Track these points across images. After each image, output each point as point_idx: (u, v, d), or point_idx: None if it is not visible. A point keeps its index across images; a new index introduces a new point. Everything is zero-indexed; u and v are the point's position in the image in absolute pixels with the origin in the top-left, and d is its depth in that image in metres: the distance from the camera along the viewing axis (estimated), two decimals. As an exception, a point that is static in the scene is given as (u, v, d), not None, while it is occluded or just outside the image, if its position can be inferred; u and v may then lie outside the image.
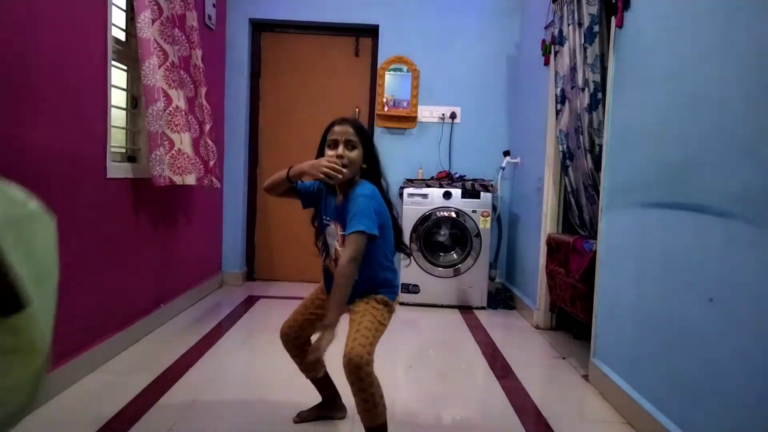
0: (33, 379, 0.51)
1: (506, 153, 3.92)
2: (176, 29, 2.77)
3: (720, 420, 1.48)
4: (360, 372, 1.45)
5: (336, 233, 1.62)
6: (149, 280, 2.83)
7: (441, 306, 3.68)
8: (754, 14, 1.42)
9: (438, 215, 3.66)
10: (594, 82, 2.49)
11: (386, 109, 4.02)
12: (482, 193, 3.66)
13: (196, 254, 3.54)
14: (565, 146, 2.84)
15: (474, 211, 3.63)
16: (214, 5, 3.68)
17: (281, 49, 4.20)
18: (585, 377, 2.41)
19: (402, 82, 4.05)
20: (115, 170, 2.42)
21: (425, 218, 3.65)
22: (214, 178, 3.11)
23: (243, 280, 4.17)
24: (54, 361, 2.01)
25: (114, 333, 2.44)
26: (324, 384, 1.88)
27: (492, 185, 3.75)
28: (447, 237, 3.77)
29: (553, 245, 2.91)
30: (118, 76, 2.53)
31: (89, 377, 2.19)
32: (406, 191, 3.69)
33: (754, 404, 1.35)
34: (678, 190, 1.73)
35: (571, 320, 3.01)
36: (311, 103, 4.14)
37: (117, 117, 2.52)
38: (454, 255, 3.74)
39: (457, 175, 3.91)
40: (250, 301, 3.63)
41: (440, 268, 3.68)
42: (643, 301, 1.94)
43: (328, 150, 1.59)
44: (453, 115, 4.08)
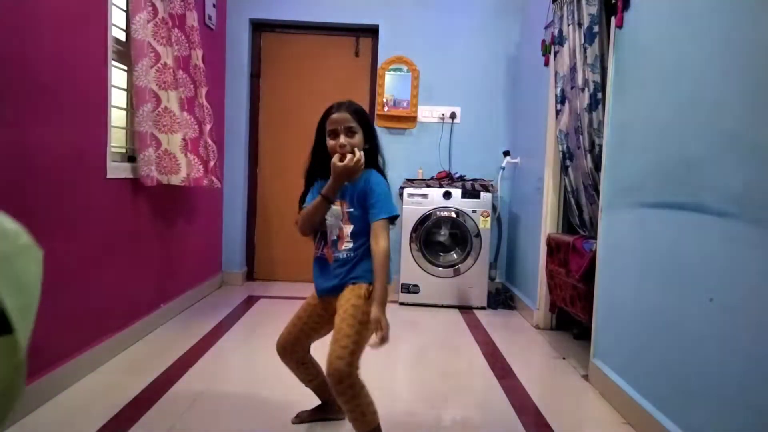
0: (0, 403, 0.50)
1: (506, 153, 3.92)
2: (176, 29, 2.77)
3: (720, 420, 1.48)
4: (342, 385, 1.45)
5: (341, 213, 1.63)
6: (149, 280, 2.83)
7: (441, 306, 3.68)
8: (754, 14, 1.42)
9: (438, 215, 3.66)
10: (594, 82, 2.49)
11: (386, 109, 4.02)
12: (482, 193, 3.66)
13: (196, 254, 3.54)
14: (565, 146, 2.84)
15: (474, 211, 3.63)
16: (214, 5, 3.68)
17: (281, 49, 4.20)
18: (585, 377, 2.41)
19: (402, 82, 4.05)
20: (115, 170, 2.42)
21: (425, 218, 3.65)
22: (215, 178, 3.11)
23: (243, 280, 4.17)
24: (54, 361, 2.01)
25: (114, 333, 2.44)
26: (323, 389, 1.87)
27: (492, 185, 3.75)
28: (447, 237, 3.77)
29: (553, 245, 2.91)
30: (118, 76, 2.53)
31: (89, 377, 2.19)
32: (406, 191, 3.69)
33: (755, 404, 1.35)
34: (678, 190, 1.73)
35: (571, 320, 3.01)
36: (311, 103, 4.13)
37: (117, 117, 2.52)
38: (454, 255, 3.74)
39: (457, 175, 3.91)
40: (250, 301, 3.63)
41: (440, 268, 3.68)
42: (644, 301, 1.94)
43: (329, 140, 1.58)
44: (453, 115, 4.08)
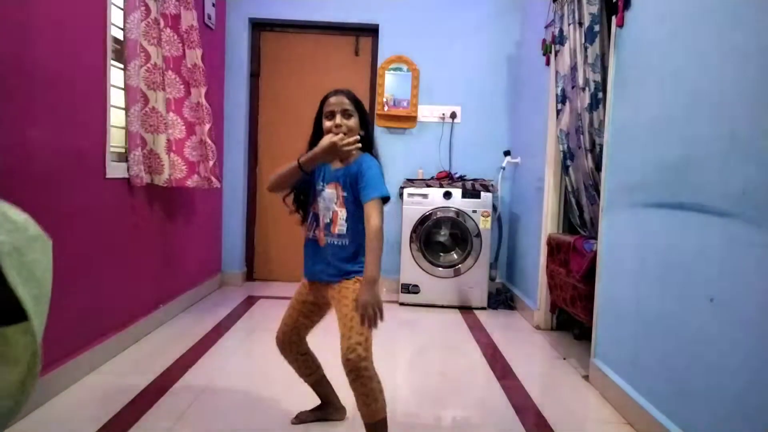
0: (19, 387, 0.52)
1: (506, 153, 3.92)
2: (168, 29, 2.76)
3: (720, 420, 1.48)
4: (360, 370, 1.50)
5: (335, 196, 1.64)
6: (149, 280, 2.83)
7: (441, 306, 3.67)
8: (755, 14, 1.41)
9: (438, 215, 3.66)
10: (594, 82, 2.49)
11: (386, 109, 4.01)
12: (482, 193, 3.65)
13: (196, 254, 3.54)
14: (566, 146, 2.83)
15: (474, 211, 3.63)
16: (214, 5, 3.68)
17: (281, 49, 4.20)
18: (585, 377, 2.40)
19: (402, 82, 4.04)
20: (115, 170, 2.42)
21: (425, 218, 3.65)
22: (214, 178, 3.11)
23: (243, 280, 4.17)
24: (54, 361, 2.01)
25: (114, 333, 2.44)
26: (322, 387, 1.87)
27: (492, 185, 3.75)
28: (447, 237, 3.77)
29: (554, 245, 2.91)
30: (118, 76, 2.53)
31: (89, 377, 2.19)
32: (406, 191, 3.69)
33: (755, 404, 1.35)
34: (678, 190, 1.73)
35: (572, 320, 3.01)
36: (311, 103, 4.07)
37: (116, 117, 2.52)
38: (455, 255, 3.73)
39: (457, 175, 3.91)
40: (250, 301, 3.63)
41: (440, 269, 3.68)
42: (644, 302, 1.94)
43: (326, 121, 1.64)
44: (453, 115, 4.08)
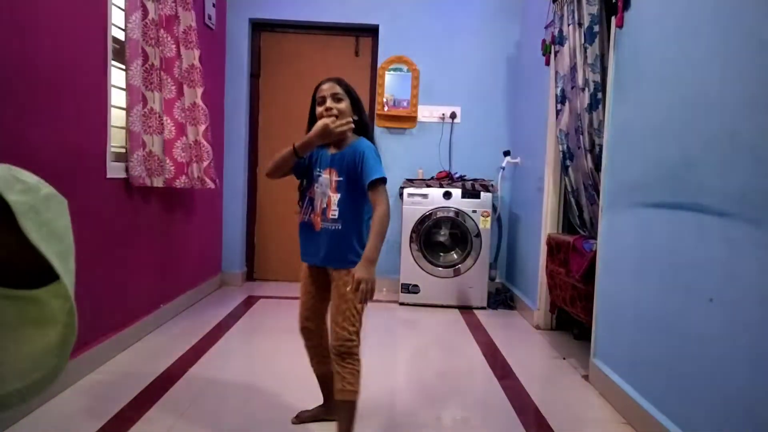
0: (60, 346, 0.56)
1: (506, 153, 3.92)
2: (162, 30, 2.76)
3: (720, 420, 1.48)
4: (351, 355, 1.62)
5: (330, 181, 1.68)
6: (149, 280, 2.83)
7: (441, 306, 3.67)
8: (755, 14, 1.41)
9: (438, 215, 3.66)
10: (594, 82, 2.49)
11: (386, 109, 4.02)
12: (482, 193, 3.66)
13: (196, 254, 3.54)
14: (565, 146, 2.84)
15: (474, 211, 3.63)
16: (214, 5, 3.68)
17: (281, 50, 4.20)
18: (585, 377, 2.40)
19: (402, 82, 4.05)
20: (115, 170, 2.42)
21: (425, 218, 3.65)
22: (208, 179, 3.10)
23: (243, 280, 4.17)
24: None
25: (114, 333, 2.44)
26: (328, 384, 1.87)
27: (492, 185, 3.75)
28: (447, 237, 3.77)
29: (554, 245, 2.91)
30: (118, 76, 2.53)
31: (89, 377, 2.19)
32: (406, 191, 3.69)
33: (754, 404, 1.35)
34: (678, 190, 1.73)
35: (572, 320, 3.01)
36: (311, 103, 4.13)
37: (117, 117, 2.52)
38: (454, 255, 3.73)
39: (457, 175, 3.91)
40: (250, 301, 3.63)
41: (440, 268, 3.68)
42: (644, 301, 1.94)
43: (318, 107, 1.71)
44: (453, 115, 4.08)
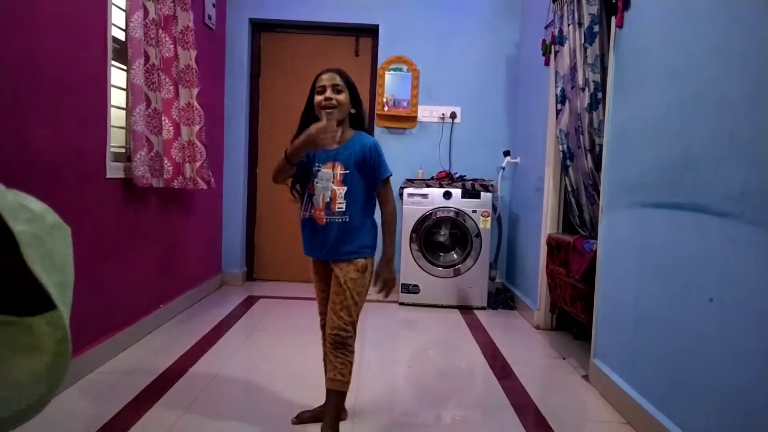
0: (47, 374, 0.56)
1: (506, 153, 3.92)
2: (160, 30, 2.76)
3: (720, 420, 1.48)
4: (347, 346, 1.67)
5: (333, 174, 1.68)
6: (149, 280, 2.83)
7: (441, 306, 3.67)
8: (754, 14, 1.41)
9: (438, 215, 3.66)
10: (594, 82, 2.49)
11: (386, 109, 4.02)
12: (482, 193, 3.65)
13: (196, 254, 3.54)
14: (566, 146, 2.84)
15: (474, 211, 3.63)
16: (214, 5, 3.68)
17: (281, 49, 4.20)
18: (585, 377, 2.40)
19: (402, 82, 4.05)
20: (115, 170, 2.42)
21: (425, 218, 3.65)
22: (200, 179, 3.10)
23: (243, 280, 4.17)
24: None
25: (114, 333, 2.44)
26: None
27: (492, 185, 3.75)
28: (447, 237, 3.77)
29: (554, 245, 2.91)
30: (118, 76, 2.53)
31: (89, 377, 2.19)
32: (406, 191, 3.69)
33: (754, 404, 1.35)
34: (678, 190, 1.73)
35: (572, 320, 3.01)
36: (311, 103, 4.14)
37: (117, 117, 2.52)
38: (454, 255, 3.73)
39: (457, 175, 3.91)
40: (250, 301, 3.63)
41: (440, 268, 3.68)
42: (643, 301, 1.94)
43: (317, 96, 1.70)
44: (453, 115, 4.08)
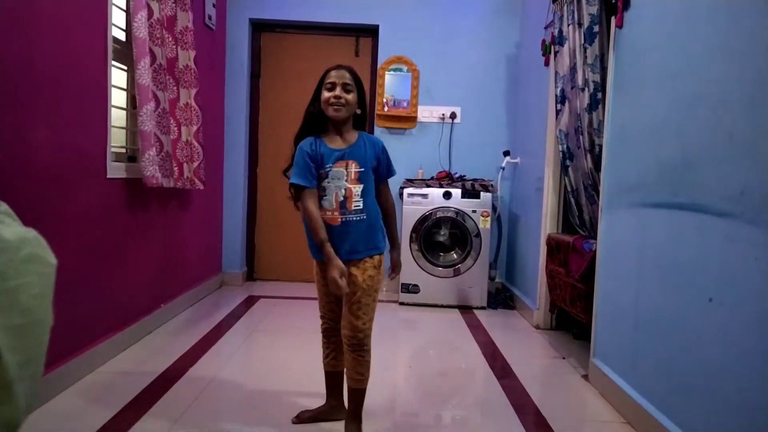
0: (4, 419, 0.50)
1: (506, 153, 3.92)
2: (164, 30, 2.77)
3: (720, 420, 1.48)
4: (364, 346, 1.68)
5: (348, 172, 1.66)
6: (149, 280, 2.83)
7: (441, 306, 3.68)
8: (754, 14, 1.42)
9: (438, 215, 3.66)
10: (594, 82, 2.49)
11: (386, 109, 4.02)
12: (482, 193, 3.66)
13: (196, 254, 3.54)
14: (565, 146, 2.84)
15: (474, 211, 3.63)
16: (214, 5, 3.68)
17: (281, 49, 4.20)
18: (585, 377, 2.41)
19: (402, 82, 4.05)
20: (115, 170, 2.42)
21: (425, 218, 3.65)
22: (197, 180, 3.10)
23: (243, 280, 4.17)
24: (54, 361, 2.01)
25: (114, 333, 2.44)
26: (339, 379, 1.88)
27: (492, 185, 3.75)
28: (447, 237, 3.77)
29: (553, 245, 2.91)
30: (118, 76, 2.53)
31: (89, 377, 2.19)
32: (406, 191, 3.69)
33: (754, 404, 1.35)
34: (678, 190, 1.73)
35: (571, 320, 3.01)
36: (311, 103, 4.14)
37: (117, 117, 2.52)
38: (454, 255, 3.74)
39: (457, 175, 3.91)
40: (250, 301, 3.63)
41: (440, 268, 3.68)
42: (643, 301, 1.94)
43: (325, 92, 1.67)
44: (453, 115, 4.09)
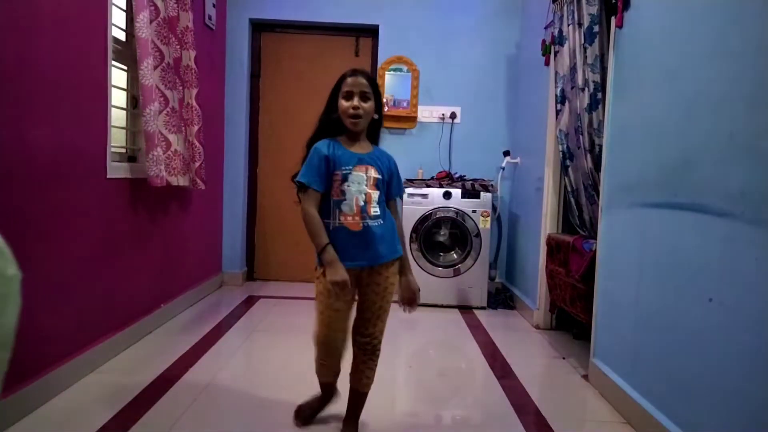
0: None
1: (506, 153, 3.92)
2: (169, 31, 2.77)
3: (720, 420, 1.48)
4: (378, 351, 1.72)
5: (367, 177, 1.61)
6: (149, 280, 2.83)
7: (441, 306, 3.68)
8: (754, 14, 1.42)
9: (438, 215, 3.66)
10: (594, 82, 2.49)
11: (386, 109, 4.02)
12: (482, 193, 3.66)
13: (196, 254, 3.55)
14: (565, 146, 2.84)
15: (474, 211, 3.63)
16: (214, 5, 3.68)
17: (281, 49, 4.20)
18: (585, 377, 2.41)
19: (402, 82, 4.05)
20: (116, 170, 2.42)
21: (425, 218, 3.65)
22: (199, 180, 3.11)
23: (243, 280, 4.17)
24: (55, 360, 2.01)
25: (114, 333, 2.44)
26: (331, 391, 1.90)
27: (492, 185, 3.75)
28: (447, 237, 3.77)
29: (553, 245, 2.91)
30: (118, 76, 2.53)
31: (89, 377, 2.19)
32: (406, 191, 3.69)
33: (754, 404, 1.35)
34: (678, 190, 1.73)
35: (571, 320, 3.01)
36: (311, 103, 4.11)
37: (117, 117, 2.52)
38: (454, 255, 3.74)
39: (457, 175, 3.91)
40: (250, 301, 3.63)
41: (440, 268, 3.68)
42: (643, 301, 1.94)
43: (343, 101, 1.61)
44: (453, 115, 4.09)
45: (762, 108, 1.36)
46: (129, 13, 2.58)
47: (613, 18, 2.25)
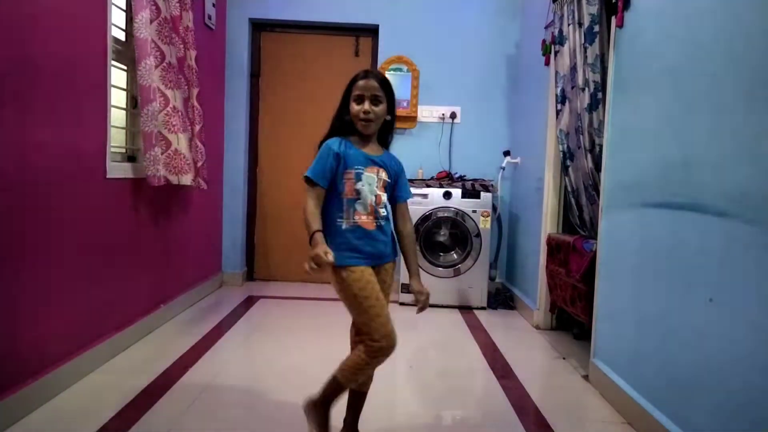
0: None
1: (506, 153, 3.92)
2: (171, 31, 2.77)
3: (720, 420, 1.48)
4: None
5: (377, 179, 1.61)
6: (149, 280, 2.83)
7: (441, 306, 3.67)
8: (754, 14, 1.42)
9: (438, 215, 3.66)
10: (594, 82, 2.49)
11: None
12: (482, 193, 3.66)
13: (196, 254, 3.54)
14: (566, 146, 2.84)
15: (474, 211, 3.63)
16: (214, 5, 3.68)
17: (281, 49, 4.20)
18: (585, 377, 2.41)
19: (402, 82, 4.05)
20: (115, 170, 2.42)
21: (425, 218, 3.65)
22: (201, 180, 3.11)
23: (243, 280, 4.17)
24: (55, 360, 2.01)
25: (114, 333, 2.44)
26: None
27: (492, 185, 3.75)
28: (447, 237, 3.77)
29: (554, 245, 2.91)
30: (118, 76, 2.53)
31: (90, 376, 2.19)
32: (406, 191, 3.68)
33: (754, 404, 1.35)
34: (678, 190, 1.73)
35: (571, 320, 3.01)
36: (311, 103, 4.14)
37: (117, 117, 2.52)
38: (454, 255, 3.74)
39: (457, 175, 3.91)
40: (250, 301, 3.63)
41: (440, 268, 3.68)
42: (643, 301, 1.94)
43: (354, 105, 1.60)
44: (453, 115, 4.09)
45: (762, 108, 1.36)
46: (129, 13, 2.58)
47: (614, 18, 2.25)
